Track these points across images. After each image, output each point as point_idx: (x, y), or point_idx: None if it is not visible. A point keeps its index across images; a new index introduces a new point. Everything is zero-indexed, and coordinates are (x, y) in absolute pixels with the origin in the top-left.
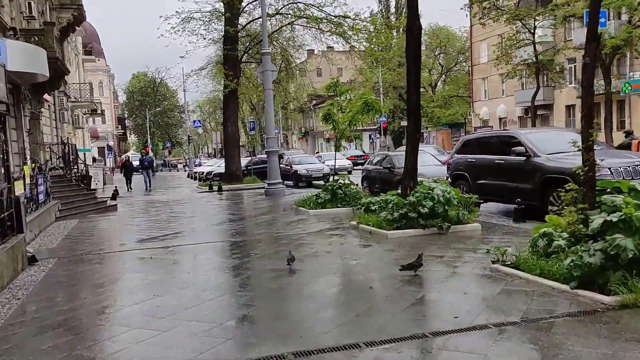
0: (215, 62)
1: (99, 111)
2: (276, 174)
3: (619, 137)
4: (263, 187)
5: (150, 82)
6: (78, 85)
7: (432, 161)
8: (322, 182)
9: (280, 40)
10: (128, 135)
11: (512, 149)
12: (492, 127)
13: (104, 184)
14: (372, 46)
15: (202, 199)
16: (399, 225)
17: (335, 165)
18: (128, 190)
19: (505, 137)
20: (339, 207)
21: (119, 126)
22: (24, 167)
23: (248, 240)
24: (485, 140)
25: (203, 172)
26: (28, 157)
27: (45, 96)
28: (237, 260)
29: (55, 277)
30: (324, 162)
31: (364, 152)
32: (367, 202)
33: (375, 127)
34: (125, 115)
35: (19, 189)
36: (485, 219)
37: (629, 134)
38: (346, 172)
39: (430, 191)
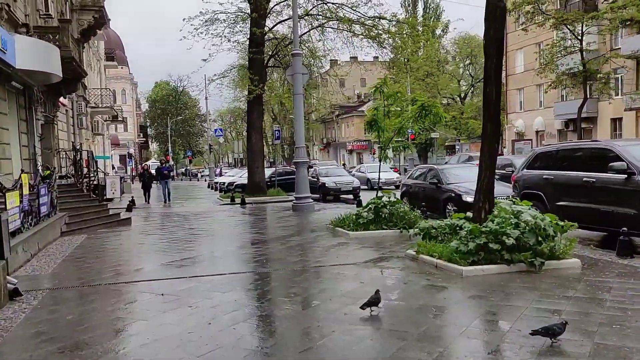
0: (239, 67)
1: (120, 118)
2: (305, 187)
3: None
4: (289, 201)
5: (172, 91)
6: (100, 91)
7: None
8: (350, 197)
9: (308, 45)
10: (150, 143)
11: (610, 164)
12: (530, 140)
13: (122, 193)
14: (400, 56)
15: (224, 213)
16: (476, 260)
17: (379, 179)
18: (146, 201)
19: (596, 150)
20: (384, 228)
21: (141, 134)
22: (22, 175)
23: (282, 273)
24: (566, 153)
25: (224, 183)
26: (39, 163)
27: (62, 100)
28: (274, 306)
29: (36, 323)
30: (352, 174)
31: (396, 165)
32: (427, 227)
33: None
34: (148, 124)
35: (12, 201)
36: (577, 251)
37: None
38: (393, 187)
39: (515, 216)
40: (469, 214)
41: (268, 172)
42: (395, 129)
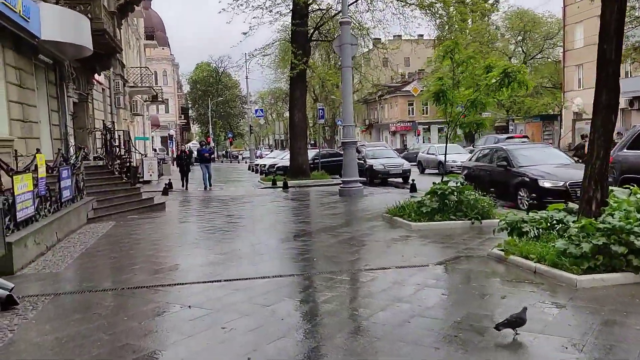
0: (280, 41)
1: (160, 98)
2: (353, 170)
3: None
4: (333, 184)
5: (213, 72)
6: (139, 70)
7: (567, 159)
8: (399, 180)
9: (356, 15)
10: (191, 125)
11: None
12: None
13: (161, 175)
14: (448, 32)
15: (265, 198)
16: (592, 266)
17: (445, 161)
18: (183, 187)
19: None
20: (451, 219)
21: (182, 116)
22: (36, 155)
23: (338, 277)
24: None
25: (265, 165)
26: (72, 143)
27: (97, 77)
28: (337, 331)
29: (25, 347)
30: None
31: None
32: (516, 221)
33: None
34: (189, 105)
35: (23, 185)
36: None
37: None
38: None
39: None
40: (572, 206)
41: (311, 154)
42: (466, 103)
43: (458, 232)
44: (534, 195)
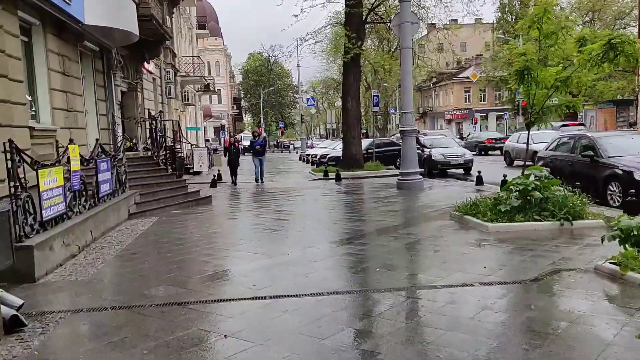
0: (333, 25)
1: (212, 88)
2: (413, 161)
3: None
4: (389, 176)
5: (265, 61)
6: (192, 59)
7: None
8: (460, 171)
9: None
10: (243, 115)
11: None
12: None
13: (212, 165)
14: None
15: (317, 191)
16: None
17: (527, 150)
18: (232, 182)
19: None
20: (536, 219)
21: (234, 106)
22: (69, 147)
23: (408, 297)
24: None
25: (316, 155)
26: (119, 133)
27: (147, 66)
28: None
29: None
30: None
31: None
32: (632, 227)
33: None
34: (241, 95)
35: (52, 180)
36: None
37: None
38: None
39: None
40: None
41: (364, 143)
42: (556, 82)
43: (546, 235)
44: (624, 190)
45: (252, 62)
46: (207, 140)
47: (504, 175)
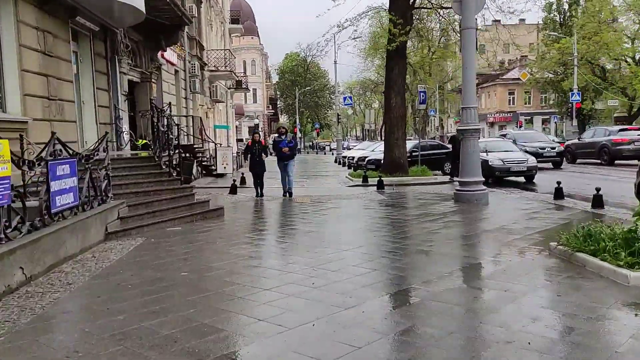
0: (375, 10)
1: (244, 85)
2: (475, 169)
3: None
4: (438, 183)
5: (301, 61)
6: (223, 53)
7: None
8: (521, 179)
9: None
10: (279, 115)
11: None
12: None
13: (240, 167)
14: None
15: (357, 202)
16: None
17: None
18: (257, 194)
19: None
20: None
21: (270, 106)
22: (1, 141)
23: None
24: None
25: (353, 158)
26: (125, 128)
27: (168, 56)
28: None
29: None
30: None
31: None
32: None
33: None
34: (278, 95)
35: None
36: None
37: None
38: None
39: None
40: None
41: (408, 145)
42: None
43: None
44: None
45: (288, 63)
46: (239, 140)
47: (597, 189)
